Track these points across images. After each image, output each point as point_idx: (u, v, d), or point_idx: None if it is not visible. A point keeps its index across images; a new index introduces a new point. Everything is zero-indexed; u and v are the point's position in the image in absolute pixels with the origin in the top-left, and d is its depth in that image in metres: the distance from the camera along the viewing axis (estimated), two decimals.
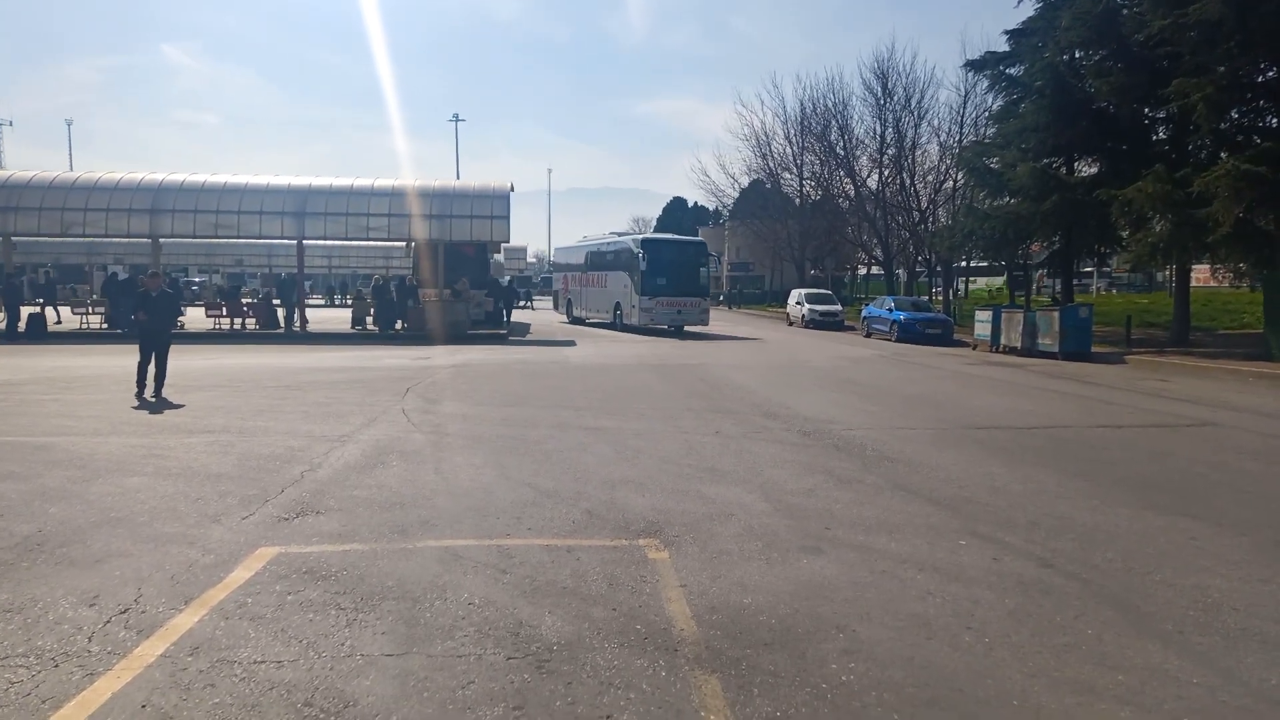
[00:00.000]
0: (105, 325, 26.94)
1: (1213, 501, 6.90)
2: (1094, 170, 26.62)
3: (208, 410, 10.86)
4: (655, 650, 3.94)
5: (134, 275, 13.13)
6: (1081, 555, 5.43)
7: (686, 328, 30.49)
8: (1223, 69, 19.65)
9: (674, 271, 29.69)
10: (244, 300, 29.49)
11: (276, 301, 29.04)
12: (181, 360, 16.19)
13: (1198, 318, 28.64)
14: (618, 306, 31.46)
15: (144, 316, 11.97)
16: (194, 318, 27.48)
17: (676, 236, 36.66)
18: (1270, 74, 20.51)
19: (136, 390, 11.90)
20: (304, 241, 27.92)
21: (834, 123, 43.17)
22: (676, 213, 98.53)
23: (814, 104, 44.70)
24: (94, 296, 32.05)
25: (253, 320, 28.17)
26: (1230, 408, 12.45)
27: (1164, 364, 19.09)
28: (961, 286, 51.14)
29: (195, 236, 28.26)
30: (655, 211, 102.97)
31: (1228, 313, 32.00)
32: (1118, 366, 19.51)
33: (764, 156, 47.47)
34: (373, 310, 27.98)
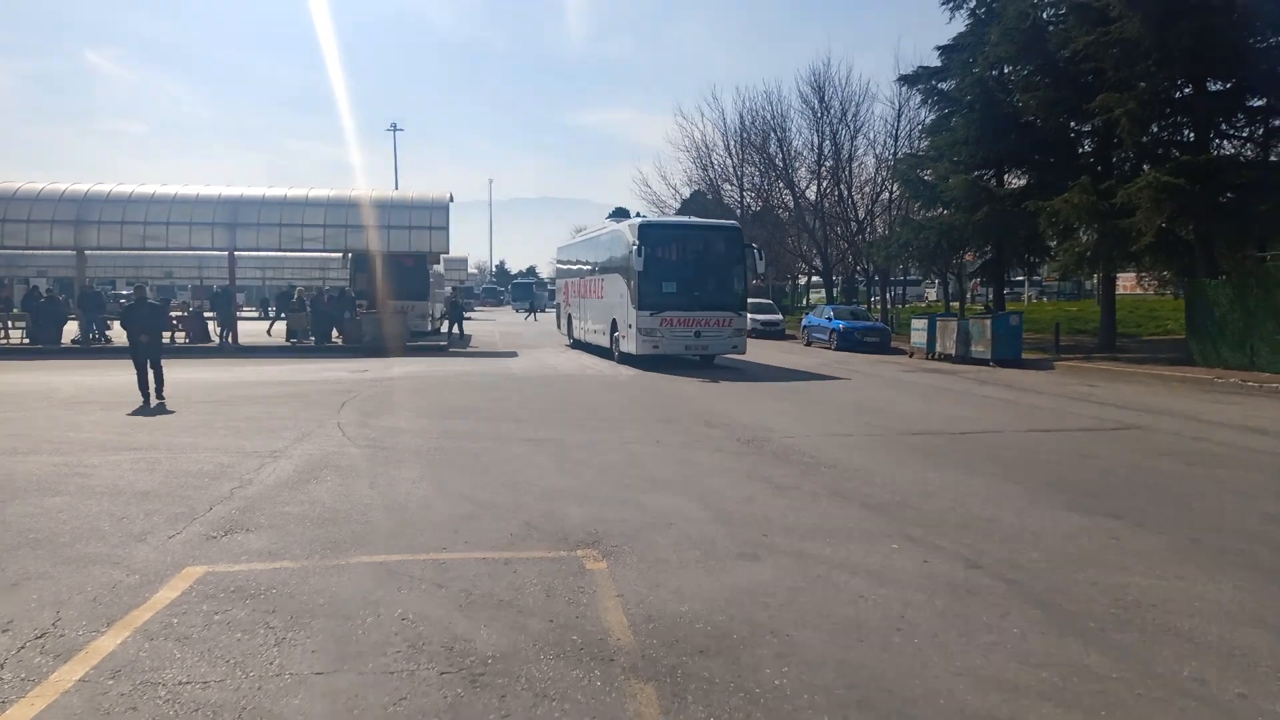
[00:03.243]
0: (26, 340, 25.99)
1: (1134, 502, 7.14)
2: (1023, 182, 27.38)
3: (134, 427, 10.55)
4: (591, 660, 3.94)
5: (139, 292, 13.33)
6: (1008, 556, 5.58)
7: (716, 358, 20.98)
8: (1143, 85, 20.39)
9: (689, 272, 19.67)
10: (174, 314, 28.71)
11: (210, 315, 28.33)
12: (108, 375, 15.71)
13: (1124, 324, 29.60)
14: (613, 326, 21.30)
15: (146, 339, 12.99)
16: (120, 333, 26.67)
17: (692, 220, 25.20)
18: (1187, 91, 21.34)
19: (142, 400, 12.69)
20: (236, 253, 27.30)
21: (773, 135, 43.73)
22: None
23: (753, 116, 45.23)
24: (15, 311, 30.90)
25: (183, 334, 27.44)
26: (1153, 411, 12.90)
27: (1091, 369, 19.70)
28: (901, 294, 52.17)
29: (122, 248, 27.39)
30: (597, 221, 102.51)
31: (1152, 319, 33.15)
32: (1047, 372, 20.07)
33: (705, 168, 47.91)
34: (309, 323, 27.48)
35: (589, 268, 24.93)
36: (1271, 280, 17.44)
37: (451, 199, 27.00)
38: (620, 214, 25.86)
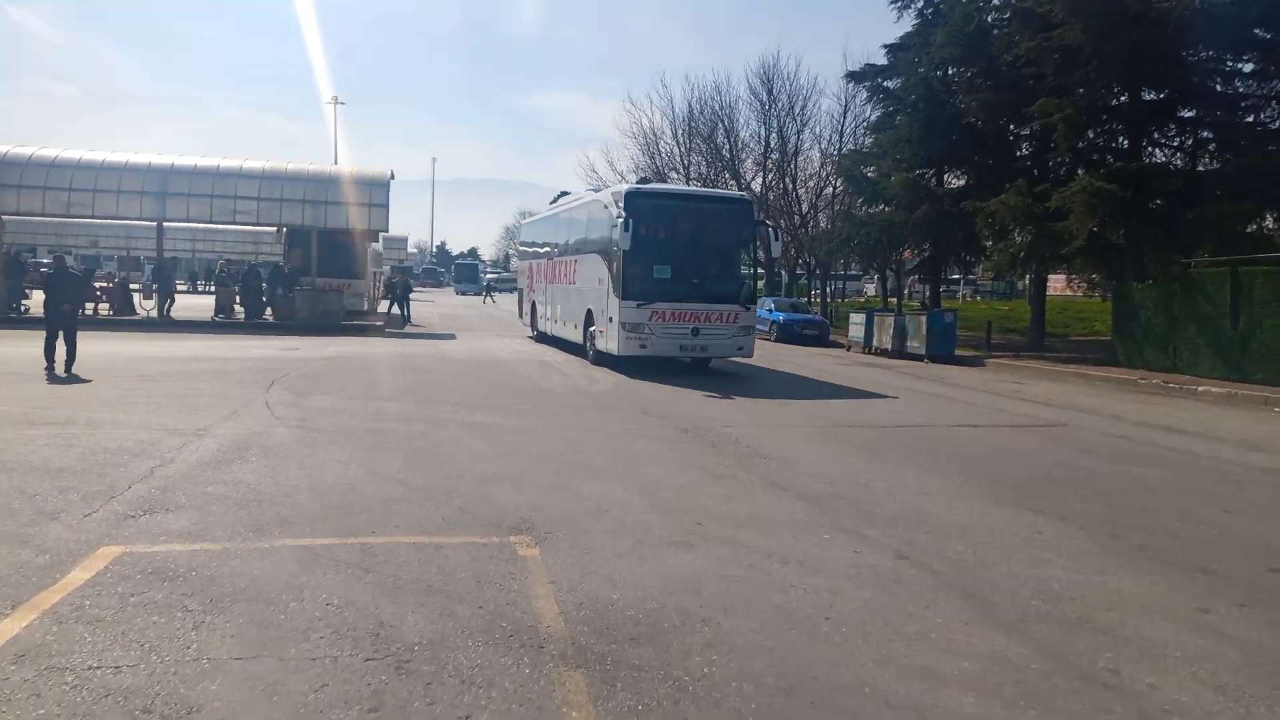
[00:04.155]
0: None
1: (1057, 497, 7.33)
2: (962, 182, 27.93)
3: (51, 400, 10.14)
4: (520, 648, 3.89)
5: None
6: (935, 548, 5.68)
7: (713, 361, 17.15)
8: (1081, 91, 20.93)
9: (687, 253, 15.93)
10: (97, 284, 27.68)
11: (154, 286, 27.30)
12: (26, 347, 15.08)
13: (1053, 324, 30.47)
14: (588, 319, 17.43)
15: (68, 308, 12.86)
16: (39, 302, 25.64)
17: (691, 189, 23.96)
18: (1123, 99, 21.97)
19: (46, 365, 12.39)
20: (165, 224, 26.44)
21: (721, 125, 43.82)
22: None
23: (702, 106, 45.19)
24: None
25: (106, 305, 26.50)
26: (1078, 409, 13.28)
27: (1020, 367, 20.21)
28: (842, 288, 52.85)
29: (44, 215, 26.35)
30: (542, 205, 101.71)
31: (1080, 320, 34.21)
32: (978, 369, 20.55)
33: (652, 155, 47.81)
34: (239, 297, 26.75)
35: (559, 246, 20.81)
36: (1195, 286, 18.09)
37: (393, 176, 26.52)
38: (564, 195, 25.03)
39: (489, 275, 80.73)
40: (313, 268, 26.08)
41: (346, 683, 3.51)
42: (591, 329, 17.12)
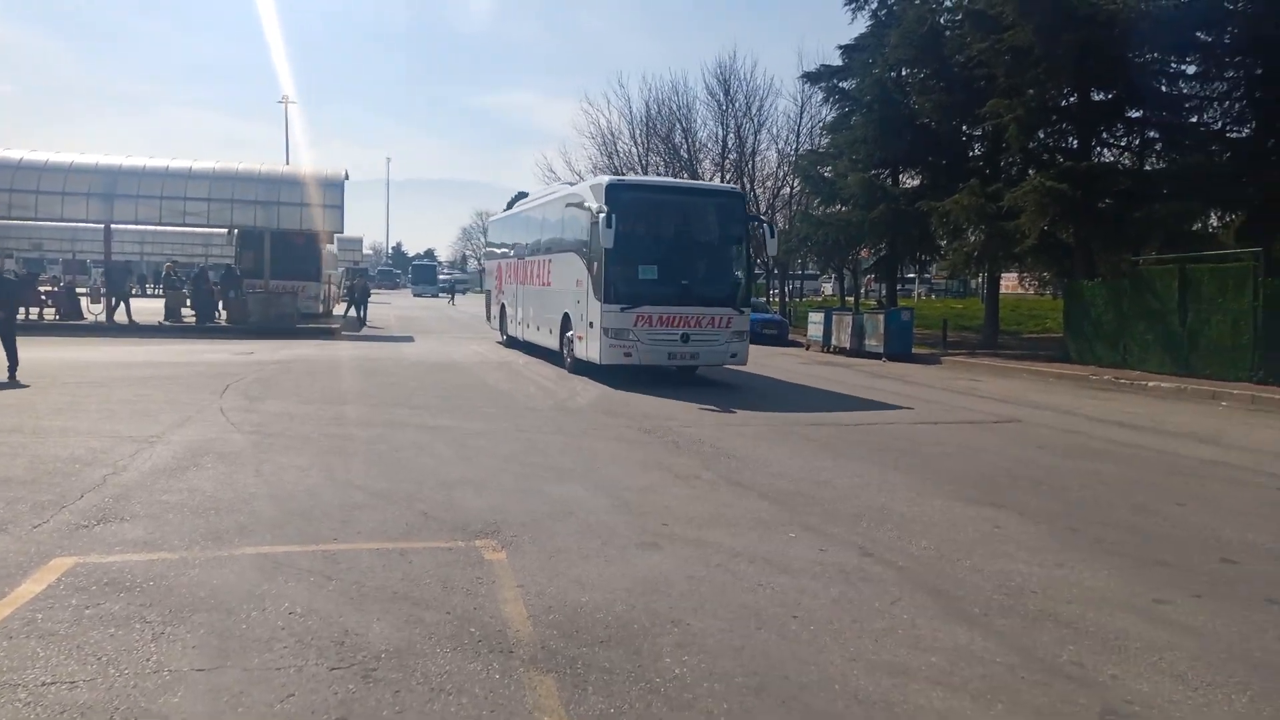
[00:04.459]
0: None
1: (1016, 493, 7.45)
2: (917, 182, 28.31)
3: None
4: (490, 653, 3.85)
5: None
6: (899, 544, 5.74)
7: (701, 369, 15.77)
8: (1032, 92, 21.33)
9: (675, 251, 14.80)
10: (42, 288, 26.94)
11: (104, 290, 26.59)
12: None
13: (1006, 322, 31.01)
14: (565, 324, 16.05)
15: (2, 314, 12.65)
16: None
17: (679, 181, 23.27)
18: (1072, 100, 22.42)
19: None
20: (113, 226, 25.80)
21: (678, 125, 43.92)
22: None
23: (659, 106, 45.24)
24: None
25: (52, 310, 25.80)
26: (1032, 406, 13.52)
27: (976, 365, 20.53)
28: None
29: None
30: (499, 205, 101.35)
31: (1032, 318, 34.86)
32: (935, 367, 20.84)
33: (610, 155, 47.75)
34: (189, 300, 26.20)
35: (531, 245, 19.34)
36: (1143, 284, 18.52)
37: (347, 176, 26.17)
38: (521, 196, 24.76)
39: (443, 277, 79.99)
40: (265, 270, 25.64)
41: (313, 692, 3.44)
42: (569, 335, 15.68)
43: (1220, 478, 8.41)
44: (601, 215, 13.39)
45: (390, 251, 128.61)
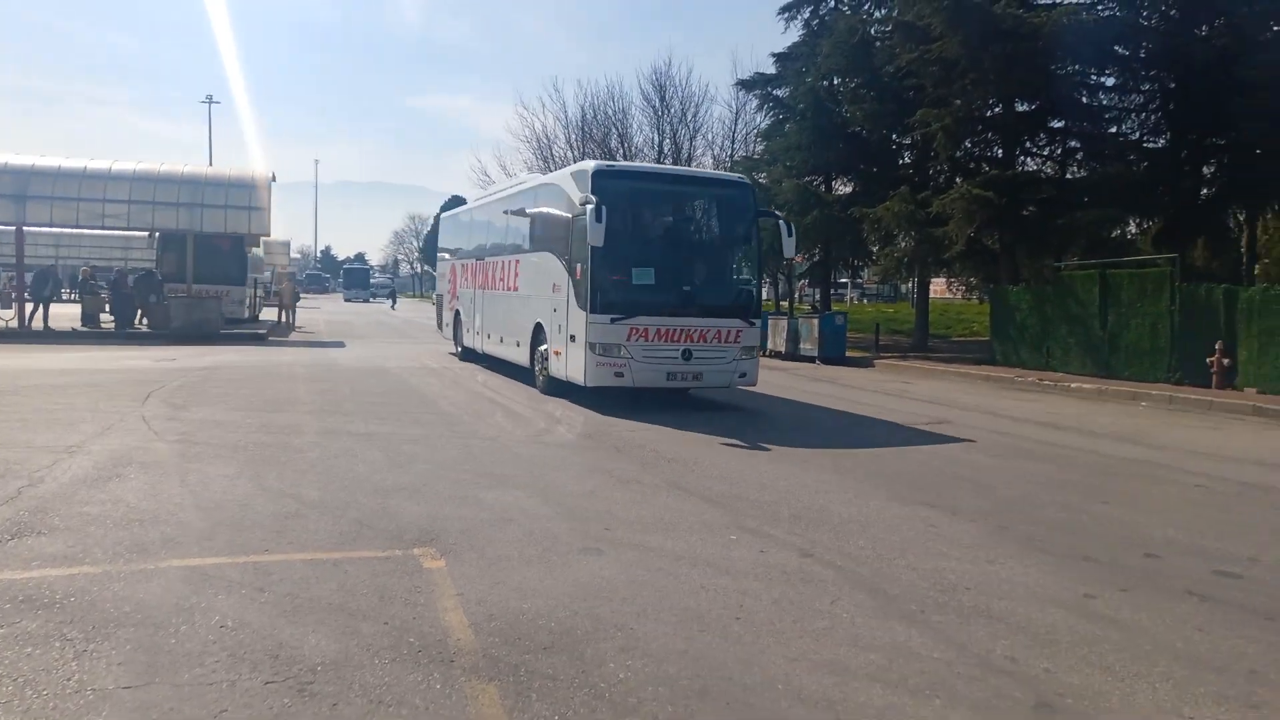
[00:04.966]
0: None
1: (948, 492, 7.61)
2: (850, 189, 28.79)
3: None
4: (430, 663, 3.78)
5: None
6: (837, 545, 5.81)
7: (698, 390, 13.31)
8: (959, 102, 21.92)
9: (674, 251, 12.88)
10: None
11: (14, 295, 25.40)
12: None
13: (936, 326, 31.75)
14: (537, 336, 13.91)
15: None
16: None
17: (676, 169, 21.07)
18: (997, 110, 23.11)
19: None
20: (25, 229, 24.74)
21: (614, 130, 43.99)
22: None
23: (595, 110, 45.26)
24: None
25: None
26: (961, 407, 13.86)
27: (907, 368, 20.96)
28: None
29: None
30: (433, 209, 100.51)
31: (961, 322, 35.76)
32: (868, 370, 21.22)
33: (545, 159, 47.57)
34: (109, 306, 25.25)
35: (494, 244, 16.99)
36: (1066, 288, 19.15)
37: (274, 178, 25.54)
38: (457, 202, 24.24)
39: (377, 280, 78.69)
40: (189, 274, 24.86)
41: (247, 707, 3.33)
42: (542, 348, 13.43)
43: (1142, 475, 8.72)
44: (588, 208, 11.13)
45: (319, 255, 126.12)
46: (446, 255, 21.93)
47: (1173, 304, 16.49)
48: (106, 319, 25.62)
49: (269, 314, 34.29)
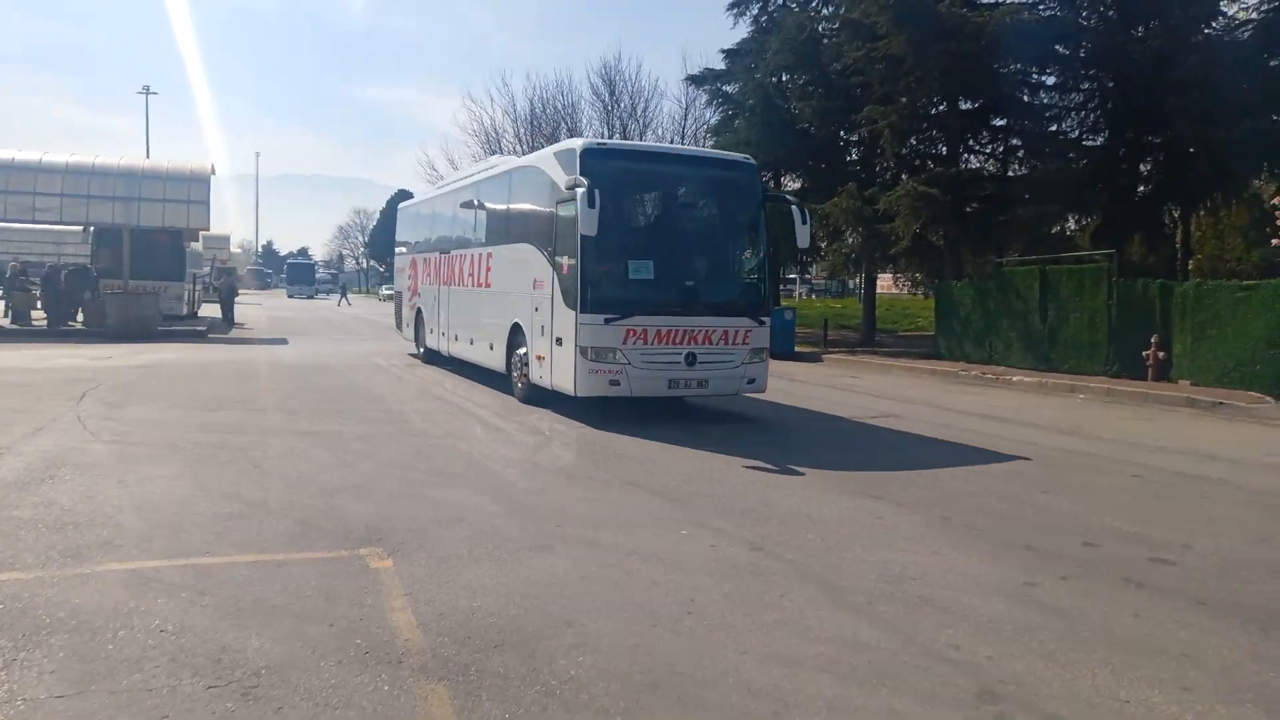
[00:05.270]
0: None
1: (893, 484, 7.73)
2: (798, 185, 29.06)
3: None
4: (378, 664, 3.73)
5: None
6: (787, 538, 5.86)
7: (696, 397, 11.73)
8: (905, 100, 22.24)
9: (674, 242, 11.45)
10: None
11: None
12: None
13: (883, 321, 32.22)
14: (514, 336, 12.46)
15: None
16: None
17: (674, 148, 18.59)
18: (942, 108, 23.51)
19: None
20: None
21: (564, 125, 43.78)
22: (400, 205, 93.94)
23: (544, 105, 45.04)
24: None
25: None
26: (907, 400, 14.08)
27: (855, 362, 21.24)
28: None
29: None
30: (378, 203, 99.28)
31: (907, 317, 36.38)
32: (817, 364, 21.45)
33: (494, 153, 47.30)
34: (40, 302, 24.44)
35: (462, 235, 15.60)
36: (1007, 284, 19.55)
37: (213, 171, 24.95)
38: (403, 196, 23.61)
39: (322, 275, 77.29)
40: (125, 269, 24.16)
41: (189, 713, 3.25)
42: (520, 352, 12.05)
43: (1080, 466, 8.94)
44: (579, 191, 9.74)
45: (260, 250, 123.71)
46: (405, 248, 20.45)
47: (1110, 299, 16.94)
48: (38, 316, 24.81)
49: (209, 310, 33.50)
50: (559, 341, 10.62)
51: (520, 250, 12.17)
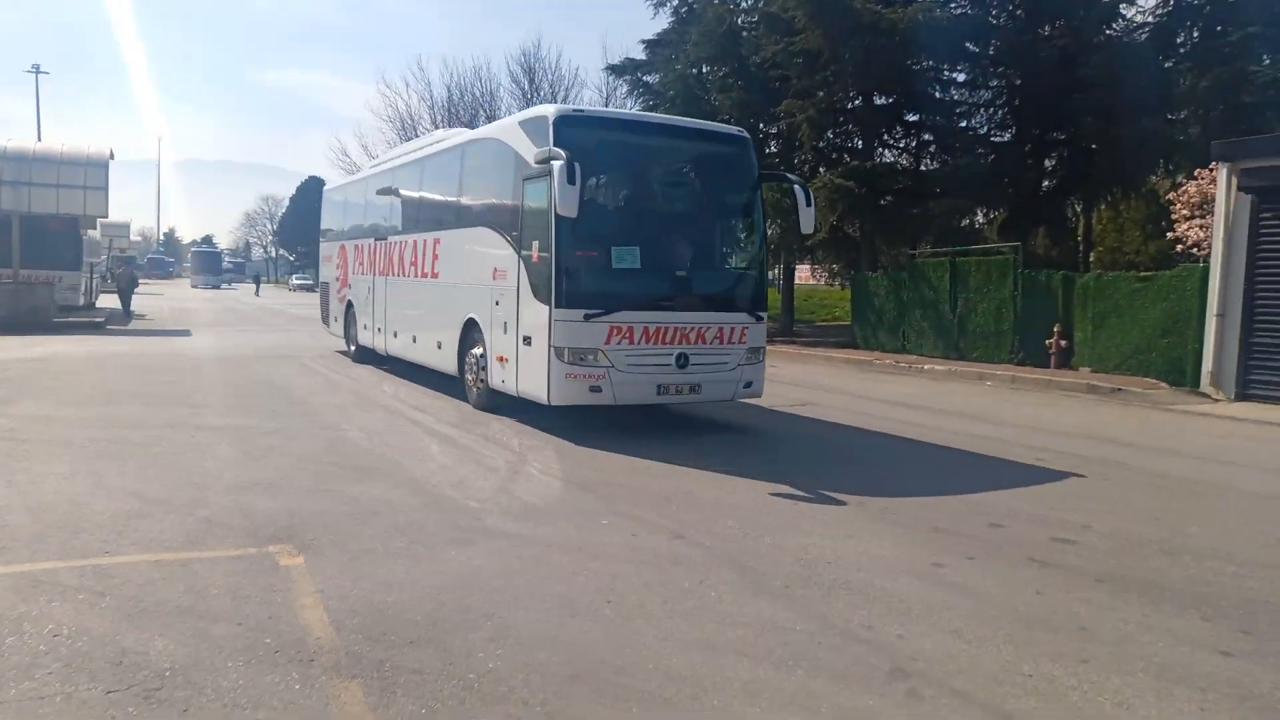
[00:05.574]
0: None
1: (810, 469, 7.87)
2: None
3: None
4: (288, 663, 3.62)
5: None
6: (706, 525, 5.91)
7: (680, 403, 10.11)
8: (822, 94, 22.61)
9: (662, 226, 10.04)
10: None
11: None
12: None
13: (801, 311, 32.76)
14: (468, 334, 10.98)
15: None
16: None
17: (660, 118, 13.78)
18: (857, 102, 23.98)
19: None
20: None
21: (482, 112, 43.18)
22: (311, 192, 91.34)
23: (462, 92, 44.33)
24: None
25: None
26: (824, 389, 14.37)
27: (774, 351, 21.45)
28: None
29: None
30: (288, 189, 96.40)
31: (824, 307, 37.07)
32: None
33: (409, 140, 46.45)
34: None
35: (404, 219, 13.99)
36: (919, 275, 20.10)
37: (112, 156, 23.85)
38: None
39: (229, 264, 74.86)
40: (15, 258, 22.92)
41: (85, 719, 3.11)
42: (476, 352, 10.61)
43: (986, 450, 9.24)
44: (556, 165, 8.21)
45: (162, 238, 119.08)
46: (333, 235, 18.59)
47: (1015, 289, 17.58)
48: None
49: (108, 301, 32.09)
50: (527, 341, 9.27)
51: (476, 235, 10.84)
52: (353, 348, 16.49)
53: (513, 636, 3.97)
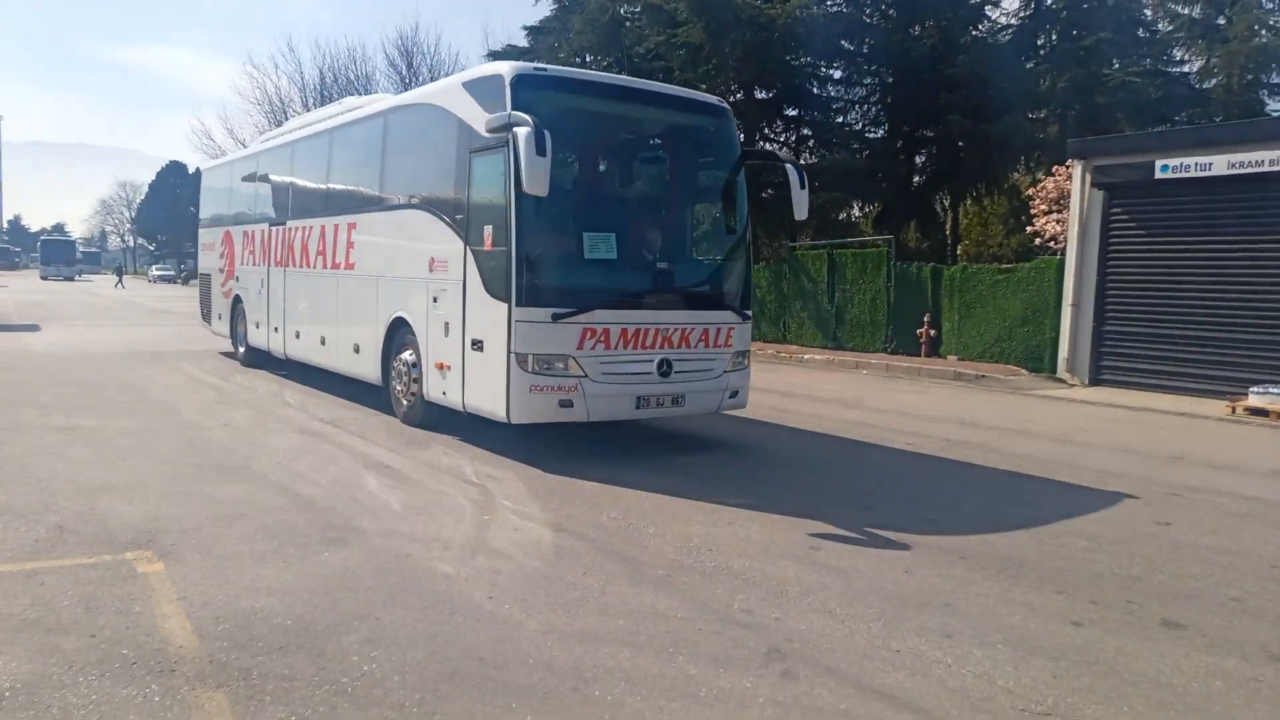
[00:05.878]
0: None
1: (689, 460, 8.03)
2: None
3: None
4: (147, 674, 3.43)
5: None
6: (589, 517, 5.91)
7: (658, 414, 8.22)
8: (705, 87, 22.88)
9: (635, 207, 9.03)
10: None
11: None
12: None
13: None
14: (394, 335, 9.28)
15: None
16: None
17: (634, 81, 9.55)
18: (739, 96, 24.40)
19: None
20: None
21: (357, 95, 41.92)
22: (173, 178, 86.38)
23: (335, 74, 42.73)
24: None
25: None
26: None
27: None
28: None
29: None
30: (148, 175, 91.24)
31: None
32: None
33: (280, 124, 44.57)
34: None
35: (311, 200, 12.02)
36: (800, 267, 20.64)
37: None
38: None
39: (82, 252, 70.41)
40: None
41: None
42: (405, 356, 9.01)
43: (859, 436, 9.58)
44: (521, 133, 6.69)
45: (7, 226, 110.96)
46: (216, 219, 16.24)
47: (889, 281, 18.27)
48: None
49: None
50: (477, 345, 7.75)
51: (406, 219, 9.17)
52: (242, 349, 14.26)
53: (388, 637, 3.87)
